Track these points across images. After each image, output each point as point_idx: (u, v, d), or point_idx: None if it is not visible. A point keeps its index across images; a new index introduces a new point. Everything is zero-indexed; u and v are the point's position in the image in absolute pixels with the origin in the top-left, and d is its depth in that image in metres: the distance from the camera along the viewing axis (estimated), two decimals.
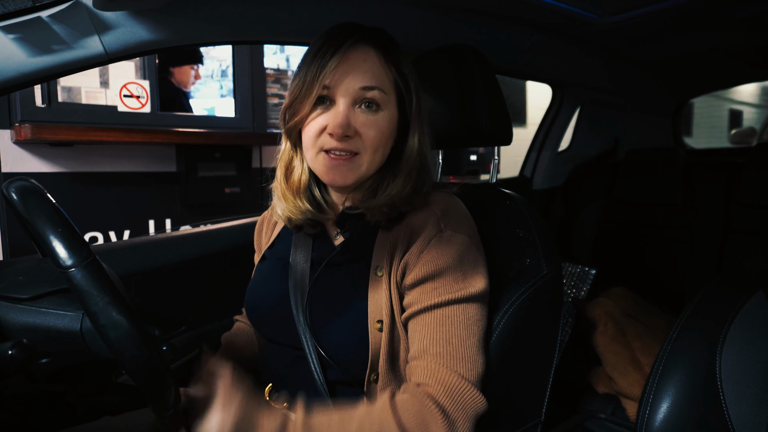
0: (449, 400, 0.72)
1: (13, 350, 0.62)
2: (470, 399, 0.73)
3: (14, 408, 1.00)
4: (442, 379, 0.73)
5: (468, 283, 0.78)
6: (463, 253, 0.79)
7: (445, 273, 0.78)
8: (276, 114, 3.34)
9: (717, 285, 0.90)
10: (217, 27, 1.05)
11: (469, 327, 0.77)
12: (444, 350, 0.75)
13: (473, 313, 0.78)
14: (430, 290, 0.78)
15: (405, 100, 0.85)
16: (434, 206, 0.84)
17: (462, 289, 0.78)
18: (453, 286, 0.78)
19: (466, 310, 0.78)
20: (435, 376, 0.74)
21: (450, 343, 0.76)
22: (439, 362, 0.75)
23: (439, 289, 0.78)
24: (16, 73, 0.84)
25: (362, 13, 1.21)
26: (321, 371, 0.82)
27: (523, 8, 1.35)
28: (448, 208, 0.84)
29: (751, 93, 10.38)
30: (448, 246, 0.79)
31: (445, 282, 0.78)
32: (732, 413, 0.76)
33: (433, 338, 0.76)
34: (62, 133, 2.25)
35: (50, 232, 0.58)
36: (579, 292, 1.85)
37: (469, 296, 0.78)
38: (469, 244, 0.81)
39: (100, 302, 0.58)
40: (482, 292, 0.80)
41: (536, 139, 2.34)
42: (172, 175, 2.78)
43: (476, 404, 0.74)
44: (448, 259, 0.78)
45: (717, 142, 8.84)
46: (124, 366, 0.61)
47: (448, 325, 0.77)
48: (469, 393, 0.73)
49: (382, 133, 0.82)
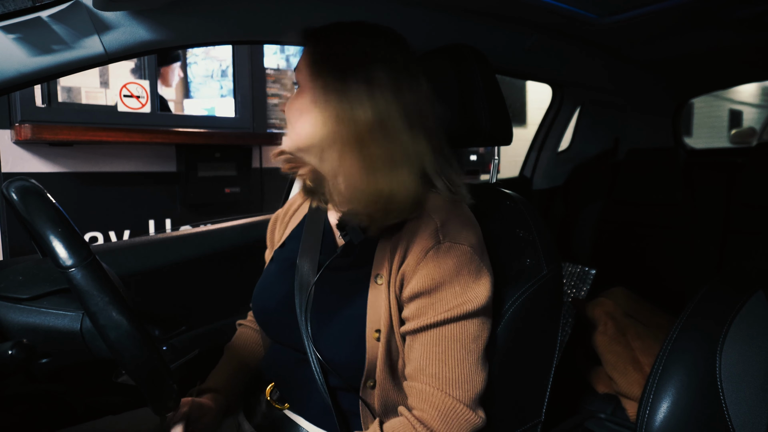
0: (442, 424, 0.72)
1: (13, 350, 0.62)
2: (464, 420, 0.73)
3: (14, 408, 1.00)
4: (436, 404, 0.73)
5: (467, 298, 0.76)
6: (462, 265, 0.76)
7: (442, 288, 0.76)
8: (276, 114, 3.33)
9: (717, 285, 0.90)
10: (217, 27, 1.05)
11: (467, 345, 0.76)
12: (440, 371, 0.74)
13: (473, 330, 0.76)
14: (427, 306, 0.76)
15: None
16: (434, 214, 0.80)
17: (460, 306, 0.75)
18: (451, 302, 0.75)
19: (465, 327, 0.76)
20: (429, 400, 0.74)
21: (446, 364, 0.74)
22: (433, 385, 0.74)
23: (437, 305, 0.76)
24: (16, 73, 0.84)
25: (362, 13, 1.21)
26: (322, 375, 0.81)
27: (523, 8, 1.35)
28: (449, 218, 0.80)
29: (751, 93, 10.38)
30: (446, 259, 0.76)
31: (443, 298, 0.75)
32: (732, 413, 0.76)
33: (429, 358, 0.75)
34: (62, 133, 2.25)
35: (50, 232, 0.58)
36: (579, 292, 1.85)
37: (467, 313, 0.75)
38: (470, 255, 0.77)
39: (100, 302, 0.58)
40: (483, 306, 0.77)
41: (536, 139, 2.34)
42: (172, 175, 2.78)
43: (471, 423, 0.74)
44: (445, 272, 0.75)
45: (717, 142, 8.84)
46: (124, 366, 0.61)
47: (445, 345, 0.75)
48: (464, 414, 0.73)
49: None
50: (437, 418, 0.72)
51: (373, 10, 1.22)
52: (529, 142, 2.37)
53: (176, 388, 0.67)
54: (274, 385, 0.93)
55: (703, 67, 2.08)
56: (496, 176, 1.36)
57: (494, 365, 0.84)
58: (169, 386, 0.65)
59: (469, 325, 0.76)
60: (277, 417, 0.90)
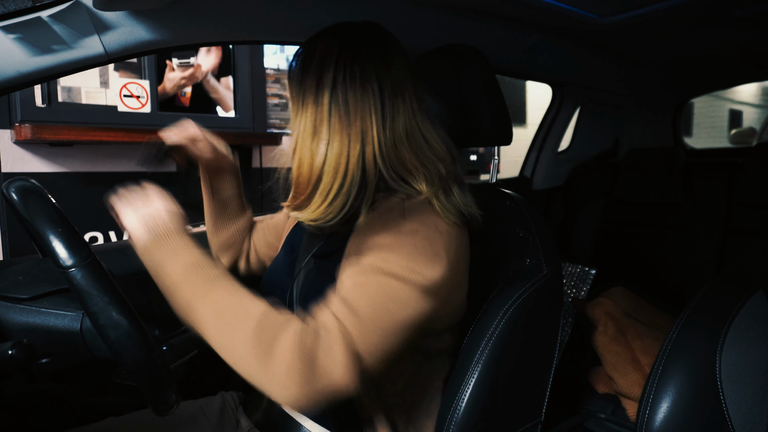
0: (312, 341, 0.65)
1: (13, 350, 0.62)
2: (328, 348, 0.65)
3: (14, 408, 1.00)
4: (321, 318, 0.68)
5: (414, 268, 0.70)
6: (422, 240, 0.73)
7: (391, 249, 0.72)
8: (276, 114, 3.33)
9: (717, 285, 0.90)
10: (217, 27, 1.05)
11: (389, 305, 0.69)
12: (351, 301, 0.68)
13: (404, 297, 0.70)
14: (370, 252, 0.73)
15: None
16: (401, 202, 0.79)
17: (403, 269, 0.70)
18: (395, 262, 0.70)
19: (397, 288, 0.70)
20: (319, 311, 0.69)
21: (361, 302, 0.68)
22: (336, 308, 0.69)
23: (383, 256, 0.71)
24: (16, 73, 0.84)
25: (362, 13, 1.21)
26: None
27: (523, 8, 1.35)
28: (414, 206, 0.78)
29: (751, 93, 10.38)
30: (406, 230, 0.74)
31: (389, 257, 0.71)
32: (732, 413, 0.76)
33: (349, 290, 0.70)
34: (62, 133, 2.25)
35: (50, 232, 0.58)
36: (579, 292, 1.85)
37: (406, 279, 0.70)
38: (435, 238, 0.74)
39: (100, 302, 0.58)
40: (428, 287, 0.72)
41: (536, 139, 2.34)
42: (172, 175, 2.78)
43: (335, 363, 0.64)
44: (403, 238, 0.72)
45: (717, 142, 8.84)
46: (125, 366, 0.61)
47: (371, 290, 0.69)
48: (335, 347, 0.65)
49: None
50: (311, 333, 0.65)
51: (373, 10, 1.22)
52: (529, 142, 2.37)
53: (176, 388, 0.68)
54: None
55: (703, 67, 2.08)
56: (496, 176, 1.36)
57: (494, 365, 0.84)
58: (169, 386, 0.65)
59: (402, 290, 0.70)
60: (276, 413, 0.90)
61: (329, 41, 0.79)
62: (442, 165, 0.81)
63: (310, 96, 0.77)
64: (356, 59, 0.77)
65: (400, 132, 0.78)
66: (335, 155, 0.76)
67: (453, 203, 0.80)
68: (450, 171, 0.82)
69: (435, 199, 0.78)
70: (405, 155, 0.79)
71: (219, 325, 0.67)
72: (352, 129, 0.76)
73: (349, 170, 0.76)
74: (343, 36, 0.80)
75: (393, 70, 0.78)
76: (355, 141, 0.76)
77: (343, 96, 0.76)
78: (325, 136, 0.76)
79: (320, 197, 0.77)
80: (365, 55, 0.77)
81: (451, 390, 0.88)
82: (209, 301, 0.68)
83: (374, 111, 0.76)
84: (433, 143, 0.82)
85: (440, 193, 0.79)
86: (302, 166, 0.78)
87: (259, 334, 0.65)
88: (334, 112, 0.76)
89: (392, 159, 0.78)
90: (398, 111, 0.78)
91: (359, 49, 0.78)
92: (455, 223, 0.79)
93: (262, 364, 0.64)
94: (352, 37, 0.80)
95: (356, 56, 0.77)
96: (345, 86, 0.76)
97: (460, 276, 0.82)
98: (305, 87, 0.78)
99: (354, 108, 0.76)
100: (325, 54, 0.78)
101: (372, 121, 0.76)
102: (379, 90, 0.76)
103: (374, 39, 0.81)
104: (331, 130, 0.76)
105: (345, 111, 0.76)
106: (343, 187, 0.76)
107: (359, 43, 0.79)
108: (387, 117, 0.77)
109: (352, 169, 0.76)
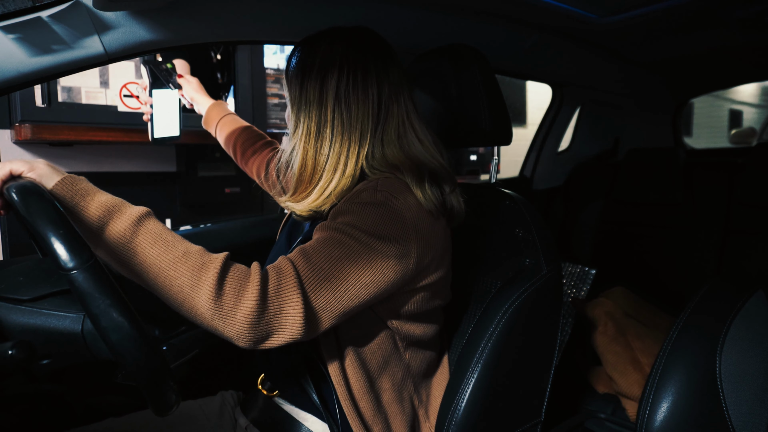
0: (273, 287, 0.66)
1: (13, 350, 0.62)
2: (286, 297, 0.66)
3: (14, 408, 1.00)
4: (278, 266, 0.69)
5: (378, 235, 0.72)
6: (388, 211, 0.75)
7: (359, 213, 0.74)
8: (276, 114, 3.33)
9: (717, 285, 0.90)
10: (217, 27, 1.05)
11: (352, 264, 0.70)
12: (312, 255, 0.70)
13: (367, 257, 0.71)
14: (340, 216, 0.75)
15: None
16: (377, 180, 0.80)
17: (367, 234, 0.72)
18: (361, 225, 0.73)
19: (362, 250, 0.71)
20: (277, 263, 0.70)
21: (321, 257, 0.70)
22: (295, 259, 0.70)
23: (349, 219, 0.74)
24: (16, 73, 0.84)
25: (361, 13, 1.21)
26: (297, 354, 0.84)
27: (523, 8, 1.35)
28: (389, 180, 0.79)
29: (751, 93, 10.38)
30: (375, 199, 0.75)
31: (355, 221, 0.73)
32: (732, 413, 0.76)
33: (313, 245, 0.71)
34: (62, 133, 2.25)
35: (51, 233, 0.58)
36: (579, 292, 1.85)
37: (369, 244, 0.71)
38: (402, 210, 0.75)
39: (102, 304, 0.58)
40: (392, 254, 0.73)
41: (536, 139, 2.34)
42: (172, 175, 2.78)
43: (293, 311, 0.66)
44: (371, 207, 0.74)
45: (717, 142, 8.84)
46: (126, 368, 0.61)
47: (334, 248, 0.71)
48: (290, 295, 0.66)
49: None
50: (265, 272, 0.67)
51: (373, 11, 1.22)
52: (529, 142, 2.37)
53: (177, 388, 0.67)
54: (264, 375, 0.95)
55: (703, 67, 2.08)
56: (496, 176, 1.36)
57: (494, 364, 0.84)
58: (169, 387, 0.65)
59: (360, 249, 0.71)
60: (273, 410, 0.91)
61: (330, 46, 0.82)
62: (432, 164, 0.84)
63: (314, 99, 0.81)
64: (359, 65, 0.81)
65: (391, 135, 0.83)
66: (336, 155, 0.81)
67: (435, 194, 0.81)
68: (438, 170, 0.84)
69: (416, 187, 0.79)
70: (397, 155, 0.83)
71: (160, 256, 0.68)
72: (353, 131, 0.80)
73: (348, 168, 0.81)
74: (344, 41, 0.82)
75: (391, 75, 0.83)
76: (355, 142, 0.81)
77: (346, 101, 0.80)
78: (328, 137, 0.81)
79: (318, 192, 0.82)
80: (367, 61, 0.81)
81: (451, 390, 0.88)
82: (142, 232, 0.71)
83: (372, 115, 0.81)
84: (427, 144, 0.85)
85: (425, 185, 0.80)
86: (306, 165, 0.83)
87: (206, 263, 0.66)
88: (337, 116, 0.80)
89: (386, 158, 0.83)
90: (393, 114, 0.83)
91: (361, 55, 0.82)
92: (430, 211, 0.80)
93: (215, 300, 0.64)
94: (354, 42, 0.83)
95: (359, 62, 0.81)
96: (348, 92, 0.80)
97: (436, 257, 0.81)
98: (307, 90, 0.82)
99: (356, 112, 0.80)
100: (326, 58, 0.81)
101: (370, 123, 0.81)
102: (378, 95, 0.81)
103: (374, 45, 0.84)
104: (333, 132, 0.81)
105: (347, 115, 0.80)
106: (341, 182, 0.81)
107: (361, 48, 0.82)
108: (383, 120, 0.82)
109: (350, 167, 0.81)
